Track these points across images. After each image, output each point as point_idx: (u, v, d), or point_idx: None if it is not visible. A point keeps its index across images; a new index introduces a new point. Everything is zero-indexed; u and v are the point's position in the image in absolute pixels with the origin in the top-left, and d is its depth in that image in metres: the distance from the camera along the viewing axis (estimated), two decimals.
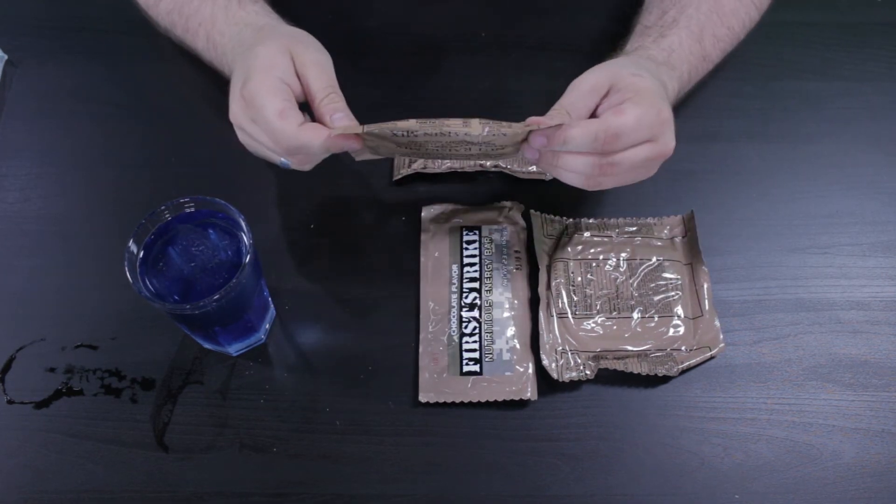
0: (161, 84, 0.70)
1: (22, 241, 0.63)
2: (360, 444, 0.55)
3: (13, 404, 0.56)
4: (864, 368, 0.58)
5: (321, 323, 0.60)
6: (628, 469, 0.55)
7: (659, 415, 0.56)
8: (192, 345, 0.58)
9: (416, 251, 0.62)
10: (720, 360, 0.58)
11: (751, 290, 0.61)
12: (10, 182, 0.65)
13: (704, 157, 0.67)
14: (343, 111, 0.51)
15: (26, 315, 0.60)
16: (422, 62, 0.71)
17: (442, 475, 0.54)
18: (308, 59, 0.52)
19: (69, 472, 0.54)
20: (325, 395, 0.57)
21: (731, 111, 0.69)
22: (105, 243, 0.60)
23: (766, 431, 0.56)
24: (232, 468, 0.54)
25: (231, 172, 0.65)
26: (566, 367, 0.56)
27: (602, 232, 0.62)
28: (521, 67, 0.71)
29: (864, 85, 0.71)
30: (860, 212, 0.65)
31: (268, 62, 0.51)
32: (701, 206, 0.63)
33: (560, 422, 0.56)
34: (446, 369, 0.57)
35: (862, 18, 0.75)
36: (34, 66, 0.71)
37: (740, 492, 0.54)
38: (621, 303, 0.59)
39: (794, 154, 0.67)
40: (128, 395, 0.57)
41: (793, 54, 0.73)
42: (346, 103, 0.51)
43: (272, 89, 0.50)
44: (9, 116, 0.69)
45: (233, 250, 0.51)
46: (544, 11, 0.74)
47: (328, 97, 0.51)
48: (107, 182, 0.65)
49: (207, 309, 0.48)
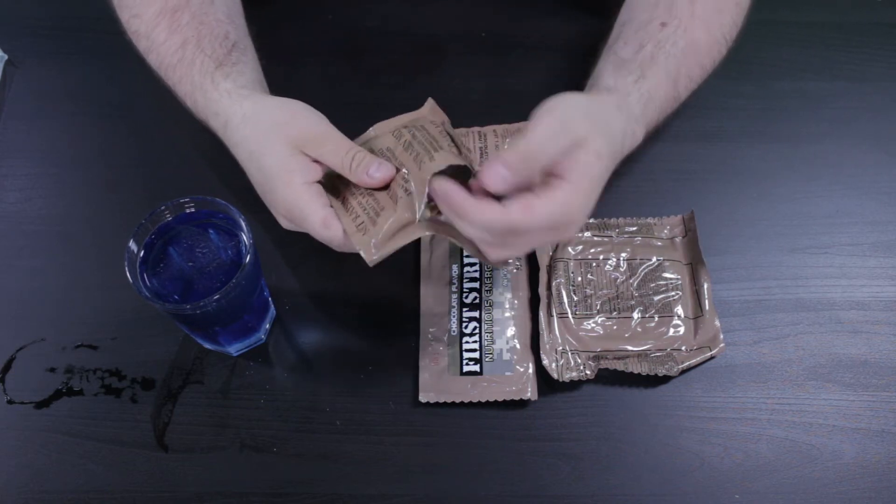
0: (161, 84, 0.70)
1: (22, 242, 0.63)
2: (360, 444, 0.55)
3: (13, 404, 0.56)
4: (864, 368, 0.58)
5: (321, 323, 0.60)
6: (628, 469, 0.55)
7: (659, 415, 0.56)
8: (193, 345, 0.58)
9: (416, 251, 0.62)
10: (720, 360, 0.58)
11: (751, 290, 0.61)
12: (10, 182, 0.65)
13: (704, 157, 0.67)
14: (374, 162, 0.49)
15: (26, 315, 0.60)
16: (422, 62, 0.71)
17: (442, 475, 0.54)
18: (316, 143, 0.51)
19: (69, 472, 0.54)
20: (325, 395, 0.57)
21: (731, 111, 0.69)
22: (105, 243, 0.60)
23: (766, 431, 0.56)
24: (232, 468, 0.54)
25: (231, 172, 0.64)
26: (566, 367, 0.56)
27: (602, 232, 0.62)
28: (521, 67, 0.71)
29: (865, 85, 0.71)
30: (860, 212, 0.65)
31: (284, 172, 0.50)
32: (701, 206, 0.63)
33: (560, 422, 0.56)
34: (446, 369, 0.57)
35: (862, 18, 0.75)
36: (34, 66, 0.71)
37: (740, 492, 0.54)
38: (621, 303, 0.59)
39: (794, 154, 0.67)
40: (128, 395, 0.57)
41: (793, 54, 0.73)
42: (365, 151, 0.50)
43: (306, 201, 0.50)
44: (9, 116, 0.68)
45: (233, 250, 0.51)
46: (544, 11, 0.74)
47: (354, 160, 0.49)
48: (107, 182, 0.65)
49: (207, 309, 0.48)
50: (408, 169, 0.49)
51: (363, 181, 0.49)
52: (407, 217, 0.48)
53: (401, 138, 0.51)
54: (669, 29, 0.56)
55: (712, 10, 0.58)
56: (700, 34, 0.57)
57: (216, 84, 0.55)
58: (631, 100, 0.53)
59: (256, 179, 0.53)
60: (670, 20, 0.56)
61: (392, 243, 0.49)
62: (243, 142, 0.53)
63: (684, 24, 0.56)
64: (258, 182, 0.53)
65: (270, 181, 0.51)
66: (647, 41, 0.56)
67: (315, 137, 0.51)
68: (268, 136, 0.52)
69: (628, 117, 0.53)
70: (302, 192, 0.50)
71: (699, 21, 0.57)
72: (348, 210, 0.50)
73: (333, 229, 0.49)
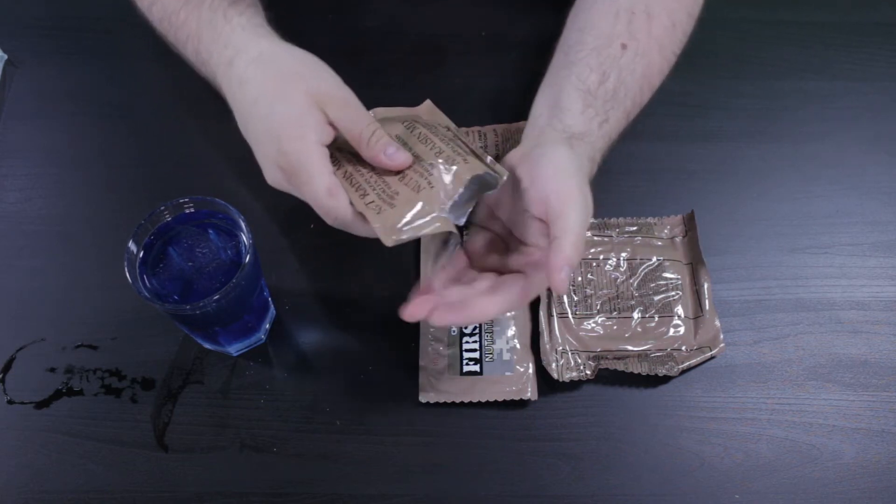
0: (161, 84, 0.70)
1: (22, 242, 0.63)
2: (360, 444, 0.55)
3: (13, 404, 0.56)
4: (864, 368, 0.58)
5: (321, 323, 0.60)
6: (628, 469, 0.55)
7: (659, 415, 0.56)
8: (193, 345, 0.58)
9: (416, 251, 0.62)
10: (720, 360, 0.58)
11: (751, 290, 0.61)
12: (10, 182, 0.65)
13: (704, 157, 0.67)
14: (392, 143, 0.48)
15: (26, 315, 0.60)
16: (422, 62, 0.71)
17: (442, 475, 0.54)
18: (337, 105, 0.48)
19: (69, 472, 0.54)
20: (325, 395, 0.57)
21: (731, 111, 0.69)
22: (105, 243, 0.60)
23: (766, 431, 0.56)
24: (232, 468, 0.54)
25: (231, 172, 0.65)
26: (566, 367, 0.56)
27: (602, 232, 0.62)
28: (521, 67, 0.71)
29: (865, 85, 0.71)
30: (860, 212, 0.65)
31: (298, 124, 0.47)
32: (701, 206, 0.63)
33: (560, 422, 0.56)
34: (446, 369, 0.57)
35: (862, 18, 0.75)
36: (34, 66, 0.71)
37: (740, 492, 0.54)
38: (621, 303, 0.59)
39: (794, 154, 0.68)
40: (128, 395, 0.57)
41: (793, 54, 0.73)
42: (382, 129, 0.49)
43: (315, 162, 0.47)
44: (9, 116, 0.68)
45: (233, 250, 0.51)
46: (544, 11, 0.74)
47: (374, 135, 0.48)
48: (107, 182, 0.65)
49: (207, 309, 0.48)
50: (430, 162, 0.48)
51: (378, 159, 0.47)
52: (430, 210, 0.47)
53: (414, 130, 0.50)
54: (629, 53, 0.56)
55: (667, 27, 0.58)
56: (655, 56, 0.58)
57: (228, 19, 0.53)
58: (596, 146, 0.54)
59: (256, 126, 0.49)
60: (630, 41, 0.56)
61: (416, 231, 0.47)
62: (252, 81, 0.49)
63: (642, 46, 0.57)
64: (258, 129, 0.49)
65: (278, 129, 0.47)
66: (610, 70, 0.55)
67: (338, 98, 0.48)
68: (286, 81, 0.48)
69: (592, 164, 0.54)
70: (312, 151, 0.47)
71: (655, 42, 0.57)
72: (353, 185, 0.48)
73: (339, 200, 0.47)
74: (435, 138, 0.50)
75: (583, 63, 0.56)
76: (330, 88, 0.49)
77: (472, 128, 0.65)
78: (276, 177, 0.49)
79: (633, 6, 0.57)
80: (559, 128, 0.53)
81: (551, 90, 0.56)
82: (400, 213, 0.47)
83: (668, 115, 0.68)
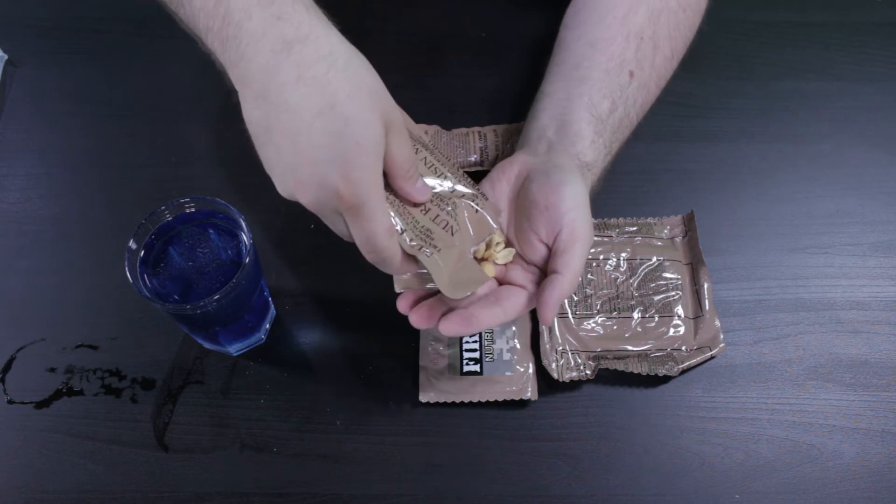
0: (161, 84, 0.70)
1: (22, 242, 0.63)
2: (360, 444, 0.55)
3: (13, 404, 0.56)
4: (864, 368, 0.58)
5: (321, 323, 0.60)
6: (628, 469, 0.55)
7: (659, 415, 0.56)
8: (193, 345, 0.58)
9: None
10: (720, 360, 0.58)
11: (751, 290, 0.61)
12: (10, 182, 0.65)
13: (704, 157, 0.67)
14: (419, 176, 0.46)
15: (26, 315, 0.60)
16: (422, 62, 0.71)
17: (442, 475, 0.54)
18: (397, 130, 0.42)
19: (69, 472, 0.54)
20: (325, 395, 0.57)
21: (731, 111, 0.69)
22: (105, 243, 0.60)
23: (766, 431, 0.56)
24: (232, 468, 0.54)
25: (231, 172, 0.65)
26: (566, 367, 0.56)
27: (602, 232, 0.62)
28: (521, 67, 0.71)
29: (865, 85, 0.71)
30: (860, 212, 0.65)
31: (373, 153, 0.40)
32: (701, 206, 0.63)
33: (560, 422, 0.56)
34: (446, 369, 0.57)
35: (862, 18, 0.75)
36: (34, 66, 0.71)
37: (740, 492, 0.54)
38: (621, 303, 0.59)
39: (794, 154, 0.68)
40: (128, 395, 0.57)
41: (793, 54, 0.73)
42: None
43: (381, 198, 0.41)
44: (9, 116, 0.69)
45: (233, 250, 0.51)
46: (544, 11, 0.74)
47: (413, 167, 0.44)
48: (107, 182, 0.65)
49: (207, 309, 0.48)
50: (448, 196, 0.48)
51: (407, 191, 0.44)
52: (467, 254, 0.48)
53: (418, 153, 0.48)
54: (635, 83, 0.56)
55: (667, 58, 0.58)
56: (653, 87, 0.58)
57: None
58: (597, 176, 0.55)
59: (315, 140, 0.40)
60: (637, 70, 0.56)
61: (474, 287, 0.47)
62: (323, 86, 0.40)
63: (645, 77, 0.57)
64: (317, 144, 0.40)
65: (351, 155, 0.40)
66: (619, 100, 0.55)
67: (398, 124, 0.42)
68: (364, 100, 0.40)
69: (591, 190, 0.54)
70: (380, 185, 0.41)
71: (655, 73, 0.58)
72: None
73: (394, 241, 0.43)
74: (444, 168, 0.49)
75: (596, 87, 0.55)
76: (394, 112, 0.42)
77: (472, 128, 0.65)
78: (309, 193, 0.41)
79: (642, 31, 0.57)
80: (572, 152, 0.53)
81: (560, 104, 0.55)
82: (448, 261, 0.46)
83: (668, 115, 0.68)
